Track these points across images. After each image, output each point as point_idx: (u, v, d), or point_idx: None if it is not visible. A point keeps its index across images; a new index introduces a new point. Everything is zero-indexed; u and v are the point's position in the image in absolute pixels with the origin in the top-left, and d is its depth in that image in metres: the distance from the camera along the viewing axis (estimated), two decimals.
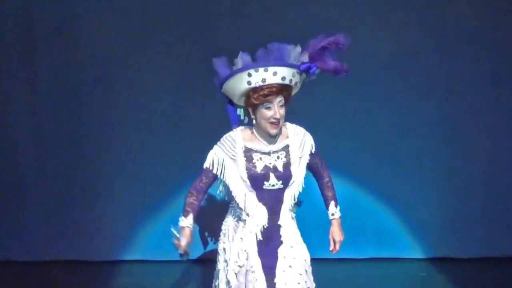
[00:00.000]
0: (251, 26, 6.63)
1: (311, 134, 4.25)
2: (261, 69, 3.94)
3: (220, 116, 4.48)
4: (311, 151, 4.19)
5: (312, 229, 5.50)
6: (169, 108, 6.85)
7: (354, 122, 6.82)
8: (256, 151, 4.08)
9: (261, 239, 4.08)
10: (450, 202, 6.90)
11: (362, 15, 6.75)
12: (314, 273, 4.22)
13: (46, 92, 6.88)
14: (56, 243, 6.95)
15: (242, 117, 4.14)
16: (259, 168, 4.05)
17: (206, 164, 4.14)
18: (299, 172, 4.12)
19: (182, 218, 4.12)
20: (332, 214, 4.35)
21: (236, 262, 4.08)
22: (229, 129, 4.19)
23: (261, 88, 3.96)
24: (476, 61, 6.77)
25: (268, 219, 4.08)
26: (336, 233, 4.34)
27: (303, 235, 4.23)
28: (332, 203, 4.34)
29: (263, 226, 4.07)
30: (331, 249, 4.33)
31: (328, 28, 6.03)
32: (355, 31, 6.56)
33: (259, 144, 4.09)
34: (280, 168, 4.07)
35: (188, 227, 4.11)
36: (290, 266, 4.09)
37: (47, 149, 6.93)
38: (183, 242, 4.07)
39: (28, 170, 6.95)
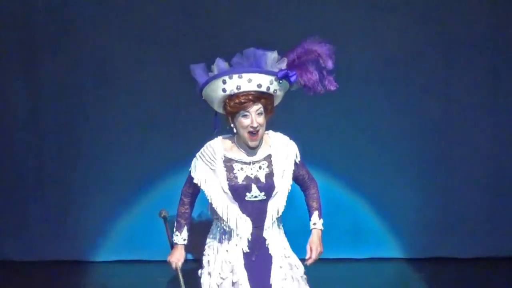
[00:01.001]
0: (251, 26, 6.63)
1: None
2: (235, 76, 3.78)
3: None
4: (295, 161, 4.01)
5: (307, 230, 5.48)
6: (169, 109, 6.86)
7: (353, 123, 6.82)
8: (236, 161, 3.92)
9: (248, 251, 3.92)
10: (450, 202, 6.89)
11: (363, 15, 6.75)
12: (313, 273, 4.17)
13: (46, 94, 6.92)
14: (55, 243, 6.98)
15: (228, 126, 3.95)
16: (240, 179, 3.90)
17: (191, 173, 4.01)
18: (283, 183, 3.93)
19: (176, 233, 4.05)
20: (314, 224, 4.08)
21: (219, 274, 3.94)
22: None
23: (236, 95, 3.80)
24: (476, 61, 6.77)
25: (253, 231, 3.91)
26: (314, 242, 4.03)
27: (293, 238, 4.11)
28: (316, 213, 4.08)
29: (248, 239, 3.90)
30: (307, 257, 4.03)
31: (328, 28, 6.09)
32: (355, 31, 6.61)
33: (239, 154, 3.93)
34: (263, 179, 3.90)
35: (182, 244, 4.06)
36: (286, 276, 3.95)
37: (47, 150, 6.95)
38: (174, 258, 4.06)
39: (28, 171, 6.98)
